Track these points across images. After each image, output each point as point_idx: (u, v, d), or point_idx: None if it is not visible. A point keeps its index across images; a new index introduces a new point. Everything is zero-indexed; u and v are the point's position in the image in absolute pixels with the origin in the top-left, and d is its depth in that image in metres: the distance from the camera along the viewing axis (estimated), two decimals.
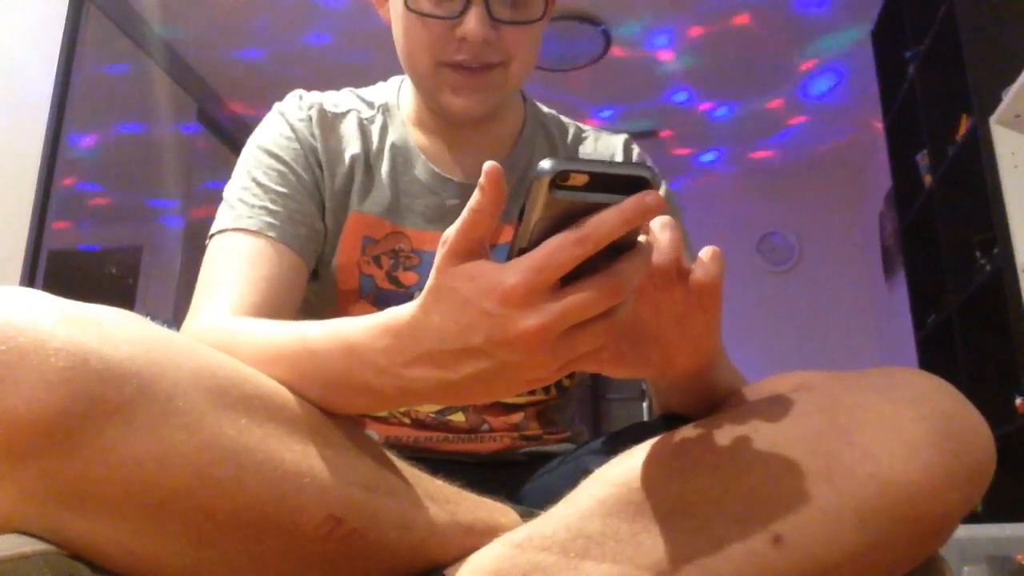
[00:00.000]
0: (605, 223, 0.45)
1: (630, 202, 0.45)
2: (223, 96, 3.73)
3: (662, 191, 0.95)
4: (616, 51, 3.42)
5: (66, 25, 2.69)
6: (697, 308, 0.58)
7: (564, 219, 0.45)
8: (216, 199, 0.86)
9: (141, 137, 3.46)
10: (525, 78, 0.89)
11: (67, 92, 2.67)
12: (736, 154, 4.37)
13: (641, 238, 0.49)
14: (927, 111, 2.67)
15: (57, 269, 2.65)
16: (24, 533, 0.47)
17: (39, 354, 0.45)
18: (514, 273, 0.46)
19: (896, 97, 3.01)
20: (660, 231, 0.56)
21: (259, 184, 0.84)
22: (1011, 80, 2.04)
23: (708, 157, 4.38)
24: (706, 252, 0.57)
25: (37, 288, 0.53)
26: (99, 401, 0.46)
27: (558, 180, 0.44)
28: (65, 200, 2.76)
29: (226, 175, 0.88)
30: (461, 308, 0.47)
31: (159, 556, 0.49)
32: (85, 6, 2.78)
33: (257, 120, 0.92)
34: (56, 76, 2.63)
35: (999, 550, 1.83)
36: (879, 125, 3.26)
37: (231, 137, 3.74)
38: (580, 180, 0.44)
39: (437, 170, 0.91)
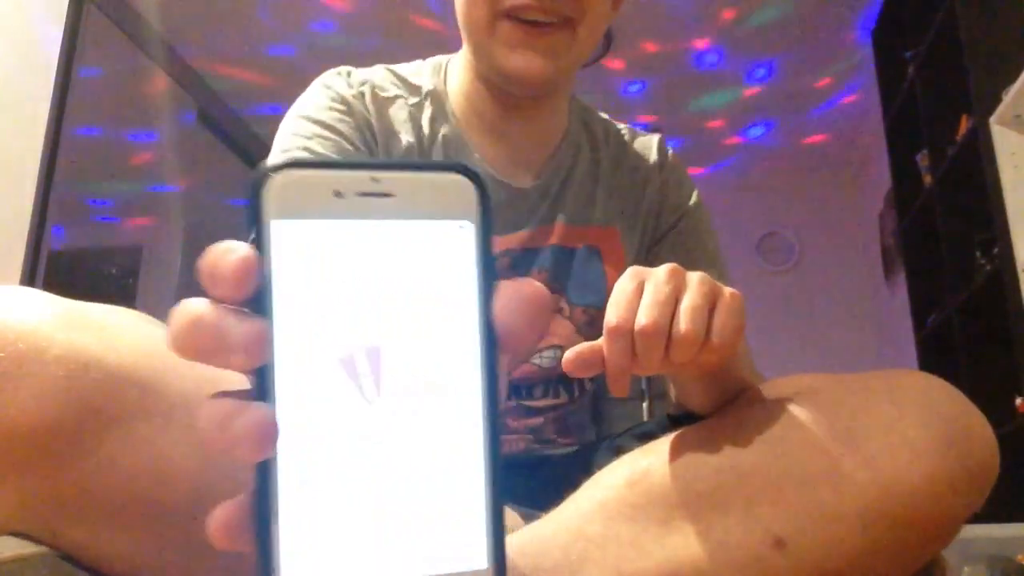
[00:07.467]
0: None
1: None
2: (223, 96, 3.72)
3: (693, 199, 0.95)
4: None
5: (66, 25, 2.68)
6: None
7: None
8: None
9: (141, 137, 3.46)
10: (592, 48, 0.83)
11: (67, 91, 2.66)
12: (732, 153, 4.36)
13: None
14: (927, 111, 2.66)
15: (57, 269, 2.65)
16: (23, 536, 0.46)
17: (38, 362, 0.44)
18: None
19: (896, 97, 3.00)
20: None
21: (313, 153, 0.79)
22: (1011, 80, 2.04)
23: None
24: (720, 314, 0.55)
25: (37, 288, 0.52)
26: (98, 412, 0.45)
27: None
28: (65, 200, 2.75)
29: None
30: None
31: (159, 565, 0.49)
32: (85, 6, 2.77)
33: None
34: (56, 76, 2.63)
35: (999, 550, 1.83)
36: (879, 125, 3.26)
37: (231, 137, 3.74)
38: None
39: (491, 171, 0.87)
